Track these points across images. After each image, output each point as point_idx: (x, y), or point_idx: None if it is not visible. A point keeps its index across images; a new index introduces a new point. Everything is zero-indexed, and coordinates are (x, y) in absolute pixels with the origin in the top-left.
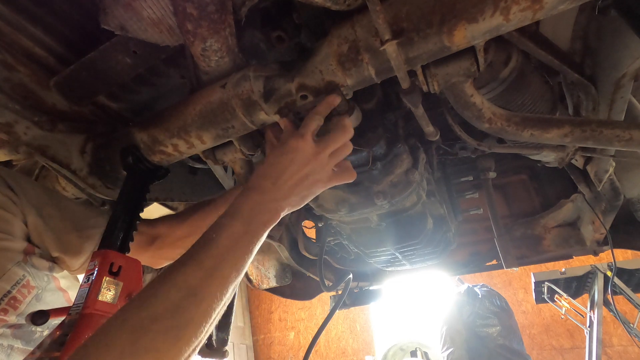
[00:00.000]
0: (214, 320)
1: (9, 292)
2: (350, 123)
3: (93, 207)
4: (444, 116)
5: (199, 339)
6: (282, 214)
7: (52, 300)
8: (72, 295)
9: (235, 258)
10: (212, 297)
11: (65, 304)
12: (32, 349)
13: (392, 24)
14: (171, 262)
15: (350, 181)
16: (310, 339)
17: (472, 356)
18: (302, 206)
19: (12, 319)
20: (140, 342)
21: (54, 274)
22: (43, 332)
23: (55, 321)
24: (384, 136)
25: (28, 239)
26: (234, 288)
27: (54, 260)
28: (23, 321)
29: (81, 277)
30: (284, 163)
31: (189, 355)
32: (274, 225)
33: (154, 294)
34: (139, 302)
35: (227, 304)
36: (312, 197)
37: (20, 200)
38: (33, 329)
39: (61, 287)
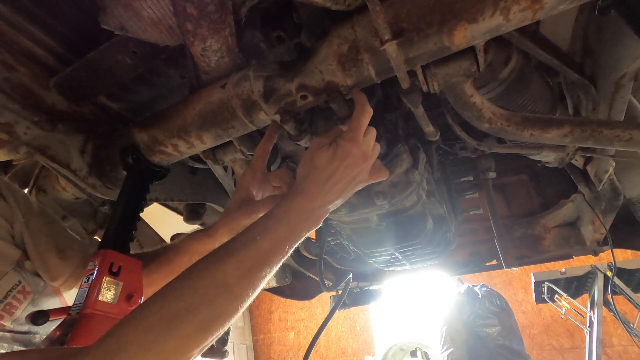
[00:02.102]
0: (240, 313)
1: (5, 297)
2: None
3: (76, 233)
4: (444, 116)
5: (224, 329)
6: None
7: (48, 305)
8: (68, 299)
9: (273, 262)
10: (244, 295)
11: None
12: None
13: (392, 24)
14: None
15: (384, 179)
16: (310, 339)
17: (472, 356)
18: None
19: (7, 324)
20: (175, 330)
21: None
22: (42, 335)
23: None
24: (384, 136)
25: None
26: (263, 285)
27: None
28: (19, 327)
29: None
30: (336, 168)
31: (211, 342)
32: (315, 229)
33: (193, 286)
34: (177, 292)
35: (253, 298)
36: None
37: (10, 207)
38: (32, 334)
39: (58, 292)
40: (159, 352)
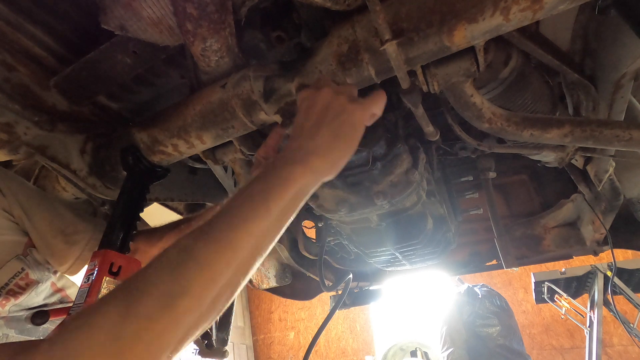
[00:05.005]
0: (219, 295)
1: (6, 284)
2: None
3: (83, 213)
4: (444, 116)
5: (200, 312)
6: (314, 171)
7: (48, 295)
8: (69, 292)
9: (245, 219)
10: (216, 265)
11: (62, 299)
12: (25, 337)
13: (392, 24)
14: None
15: (384, 100)
16: (310, 339)
17: (472, 356)
18: (343, 160)
19: (6, 310)
20: (133, 306)
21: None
22: None
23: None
24: (384, 136)
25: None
26: (249, 259)
27: None
28: (15, 312)
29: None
30: (301, 114)
31: (188, 332)
32: (303, 181)
33: (156, 259)
34: (141, 269)
35: (241, 280)
36: (350, 142)
37: (6, 197)
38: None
39: (54, 285)
40: (116, 337)
